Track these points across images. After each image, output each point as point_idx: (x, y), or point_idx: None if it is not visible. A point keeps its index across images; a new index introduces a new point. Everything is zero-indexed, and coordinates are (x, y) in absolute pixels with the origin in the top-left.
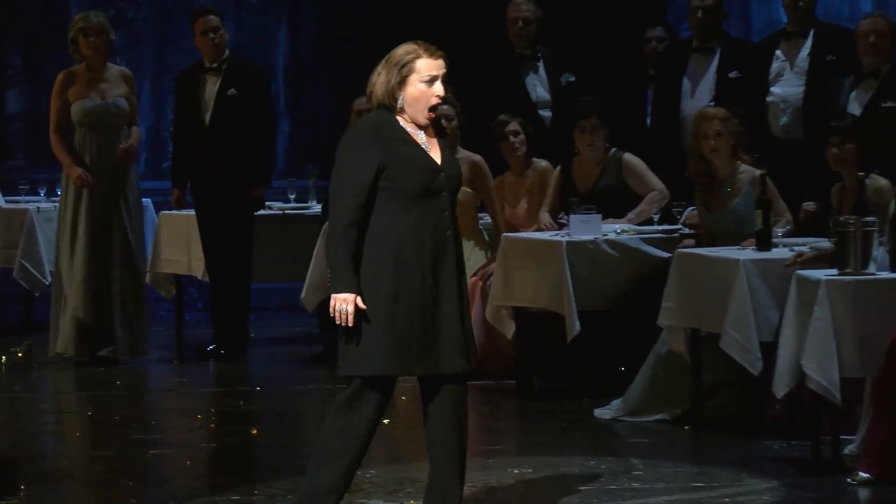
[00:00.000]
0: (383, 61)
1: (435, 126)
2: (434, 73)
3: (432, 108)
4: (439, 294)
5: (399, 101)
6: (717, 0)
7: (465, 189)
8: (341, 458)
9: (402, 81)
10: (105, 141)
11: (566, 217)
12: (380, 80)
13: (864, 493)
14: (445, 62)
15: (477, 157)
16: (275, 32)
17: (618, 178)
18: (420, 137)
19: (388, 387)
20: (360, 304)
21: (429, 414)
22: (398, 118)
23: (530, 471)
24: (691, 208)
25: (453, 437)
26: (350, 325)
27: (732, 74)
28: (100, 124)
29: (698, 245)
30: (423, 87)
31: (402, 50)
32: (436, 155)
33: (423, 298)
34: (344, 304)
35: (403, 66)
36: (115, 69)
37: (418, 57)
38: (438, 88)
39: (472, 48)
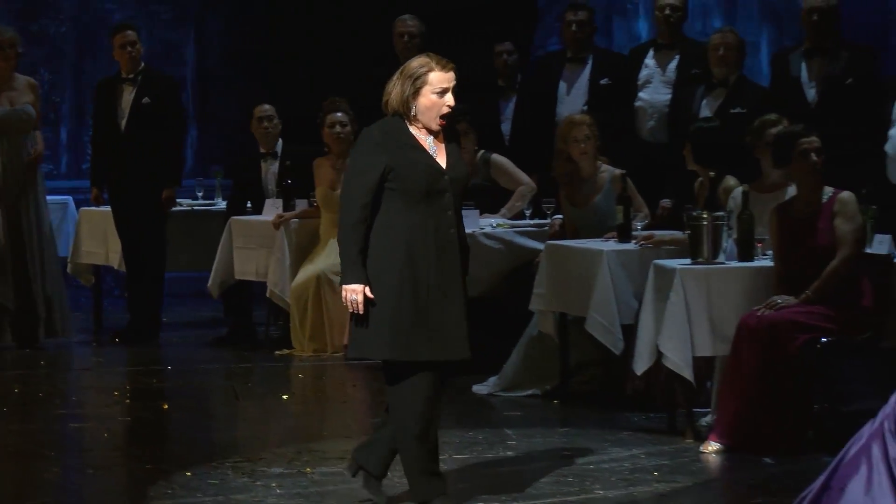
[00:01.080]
0: (398, 72)
1: (445, 132)
2: (445, 85)
3: (443, 116)
4: (444, 287)
5: (413, 110)
6: (588, 16)
7: None
8: (415, 436)
9: (416, 92)
10: (15, 145)
11: None
12: (395, 90)
13: (714, 460)
14: (456, 74)
15: None
16: (184, 46)
17: (487, 178)
18: (427, 142)
19: (428, 366)
20: (369, 294)
21: None
22: (408, 124)
23: None
24: (556, 217)
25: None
26: (360, 312)
27: (604, 81)
28: (10, 129)
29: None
30: (434, 97)
31: (417, 63)
32: (441, 159)
33: (427, 290)
34: (353, 294)
35: (417, 78)
36: (21, 79)
37: (431, 70)
38: (449, 99)
39: (362, 60)
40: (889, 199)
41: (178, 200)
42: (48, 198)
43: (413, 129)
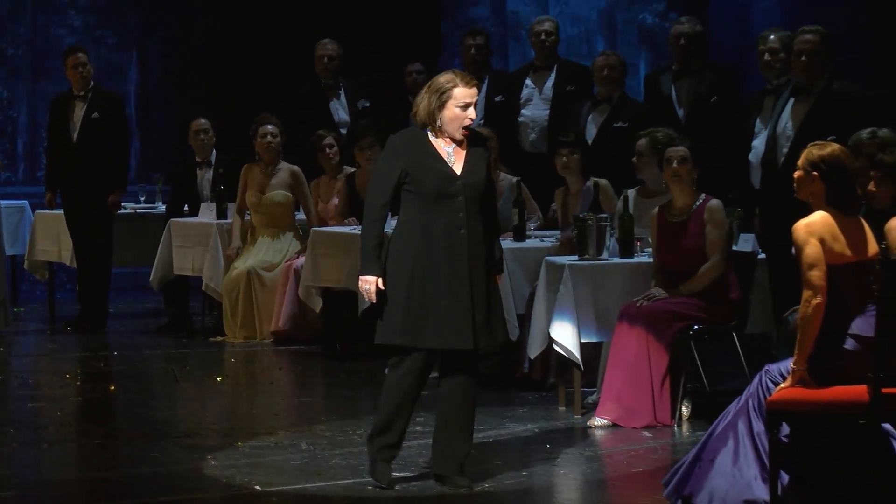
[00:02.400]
0: (426, 87)
1: (469, 140)
2: (468, 100)
3: (466, 127)
4: (451, 282)
5: (438, 121)
6: (485, 40)
7: (285, 193)
8: (389, 407)
9: (442, 105)
10: None
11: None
12: (422, 103)
13: (599, 434)
14: (478, 90)
15: (295, 168)
16: (128, 67)
17: None
18: (446, 150)
19: (421, 356)
20: (381, 286)
21: (442, 381)
22: (430, 134)
23: (335, 416)
24: None
25: (458, 400)
26: (374, 301)
27: (498, 98)
28: None
29: None
30: (458, 111)
31: (444, 79)
32: (458, 166)
33: (435, 285)
34: (366, 284)
35: (443, 93)
36: None
37: (455, 86)
38: (471, 112)
39: (288, 80)
40: (753, 202)
41: (123, 204)
42: (6, 202)
43: (434, 138)
